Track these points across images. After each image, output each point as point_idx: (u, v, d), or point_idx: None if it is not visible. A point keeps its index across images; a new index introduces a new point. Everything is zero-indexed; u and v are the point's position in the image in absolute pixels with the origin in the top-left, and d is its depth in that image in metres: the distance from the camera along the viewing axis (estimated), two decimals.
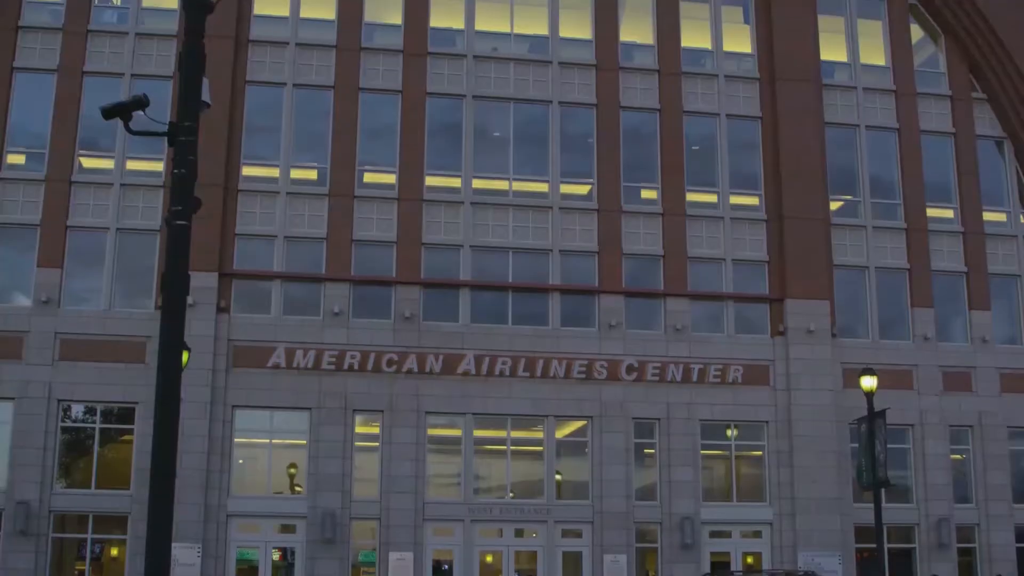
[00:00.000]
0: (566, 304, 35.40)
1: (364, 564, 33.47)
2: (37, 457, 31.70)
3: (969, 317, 37.74)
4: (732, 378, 35.24)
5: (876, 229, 37.86)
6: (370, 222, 34.86)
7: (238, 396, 33.02)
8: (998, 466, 36.56)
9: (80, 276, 33.73)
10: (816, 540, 34.27)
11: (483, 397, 34.10)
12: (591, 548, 33.87)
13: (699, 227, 36.61)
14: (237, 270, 34.01)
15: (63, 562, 32.79)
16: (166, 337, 10.38)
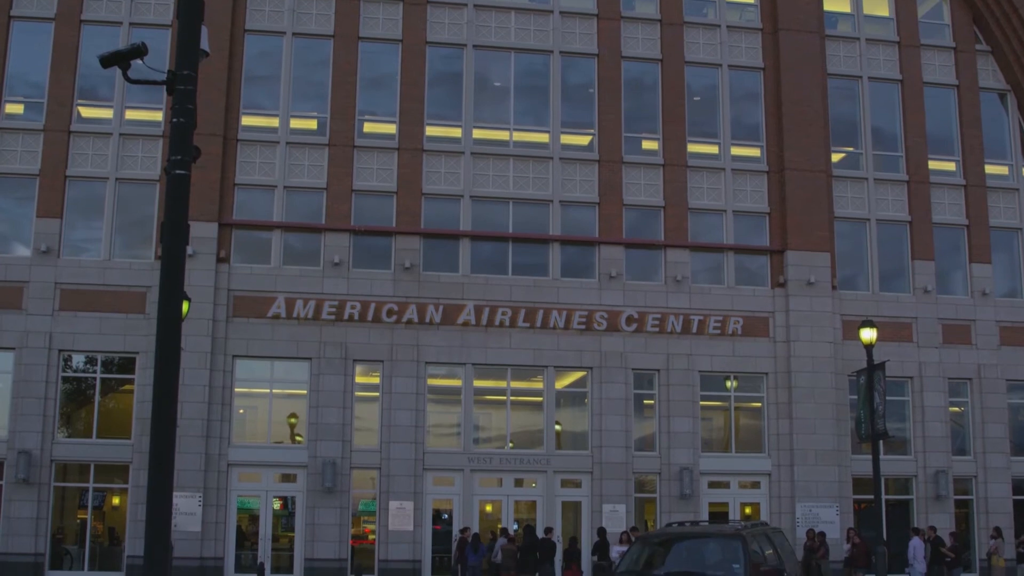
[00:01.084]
0: (566, 255, 35.39)
1: (364, 513, 33.68)
2: (38, 407, 31.81)
3: (969, 270, 37.72)
4: (732, 329, 35.28)
5: (877, 181, 37.77)
6: (370, 172, 34.77)
7: (238, 346, 33.09)
8: (996, 419, 36.69)
9: (79, 226, 33.68)
10: (814, 491, 34.47)
11: (483, 347, 34.15)
12: (590, 498, 34.05)
13: (700, 178, 36.53)
14: (237, 220, 33.96)
15: (65, 511, 32.98)
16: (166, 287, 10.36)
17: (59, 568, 31.95)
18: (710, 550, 16.29)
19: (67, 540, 32.72)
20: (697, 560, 16.03)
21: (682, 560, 16.01)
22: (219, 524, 32.08)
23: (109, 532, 33.28)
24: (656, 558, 16.18)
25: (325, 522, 32.40)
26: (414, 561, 32.69)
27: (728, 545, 16.16)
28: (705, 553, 16.25)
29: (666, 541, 16.99)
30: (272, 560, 32.24)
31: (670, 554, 16.33)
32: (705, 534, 17.57)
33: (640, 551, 16.32)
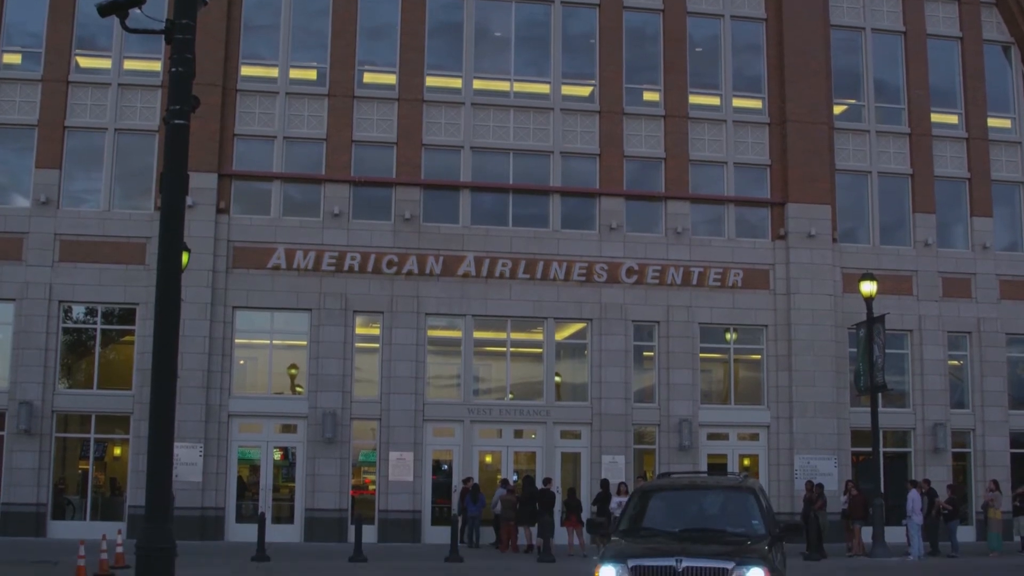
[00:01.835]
0: (566, 206, 35.32)
1: (364, 463, 33.84)
2: (39, 358, 31.87)
3: (970, 223, 37.66)
4: (732, 282, 35.27)
5: (879, 134, 37.62)
6: (370, 123, 34.63)
7: (238, 297, 33.10)
8: (995, 372, 36.76)
9: (79, 177, 33.60)
10: (813, 443, 34.60)
11: (483, 299, 34.16)
12: (590, 449, 34.19)
13: (701, 130, 36.38)
14: (236, 171, 33.87)
15: (66, 461, 33.14)
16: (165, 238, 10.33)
17: (61, 518, 32.12)
18: (720, 504, 15.21)
19: (69, 490, 32.90)
20: (709, 516, 14.91)
21: (692, 516, 14.77)
22: (220, 474, 32.23)
23: (111, 482, 33.45)
24: (660, 513, 14.91)
25: (325, 472, 32.55)
26: (414, 511, 32.87)
27: (740, 498, 15.14)
28: (716, 508, 15.16)
29: (670, 494, 15.57)
30: (273, 510, 32.41)
31: (677, 509, 14.96)
32: (711, 486, 16.44)
33: (640, 504, 15.09)
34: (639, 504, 15.10)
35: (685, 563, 12.67)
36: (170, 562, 9.73)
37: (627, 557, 12.97)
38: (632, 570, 12.73)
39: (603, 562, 13.01)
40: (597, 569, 12.99)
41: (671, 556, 12.86)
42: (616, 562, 12.89)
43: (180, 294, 10.53)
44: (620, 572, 12.75)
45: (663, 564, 12.78)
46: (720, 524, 14.50)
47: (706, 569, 12.66)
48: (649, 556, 13.04)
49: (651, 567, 12.80)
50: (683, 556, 12.79)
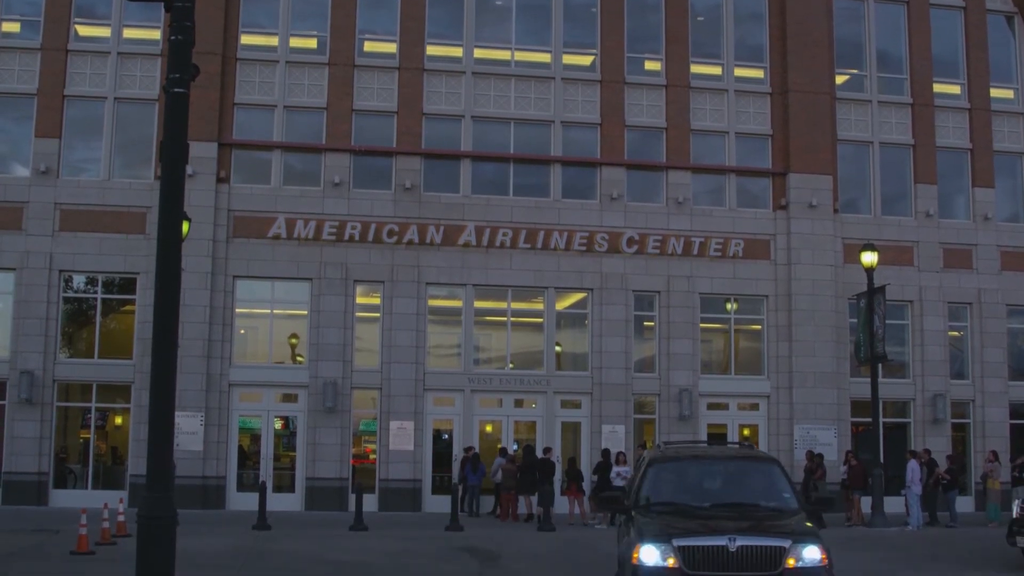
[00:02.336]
0: (567, 176, 35.25)
1: (365, 433, 33.92)
2: (40, 327, 31.89)
3: (972, 194, 37.59)
4: (733, 252, 35.24)
5: (881, 104, 37.50)
6: (370, 92, 34.51)
7: (239, 266, 33.09)
8: (995, 343, 36.79)
9: (78, 146, 33.54)
10: (812, 413, 34.66)
11: (483, 268, 34.15)
12: (590, 419, 34.26)
13: (703, 99, 36.27)
14: (236, 140, 33.79)
15: (68, 430, 33.21)
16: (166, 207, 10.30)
17: (63, 487, 32.22)
18: (744, 476, 14.22)
19: (70, 459, 33.00)
20: (735, 489, 13.85)
21: (717, 489, 13.81)
22: (221, 444, 32.31)
23: (112, 451, 33.53)
24: (680, 487, 13.81)
25: (326, 442, 32.63)
26: (414, 480, 32.97)
27: (764, 470, 14.24)
28: (741, 480, 14.13)
29: (687, 466, 14.56)
30: (273, 479, 32.51)
31: (699, 482, 13.98)
32: (731, 457, 15.48)
33: (656, 477, 13.99)
34: (656, 476, 14.03)
35: (739, 542, 11.85)
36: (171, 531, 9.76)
37: (671, 536, 11.99)
38: (679, 550, 11.82)
39: (643, 541, 12.02)
40: (637, 549, 11.98)
41: (722, 534, 12.02)
42: (658, 541, 11.94)
43: (180, 264, 10.50)
44: (664, 552, 11.85)
45: (714, 543, 11.93)
46: (751, 498, 13.62)
47: (762, 548, 11.89)
48: (697, 535, 12.16)
49: (701, 547, 11.92)
50: (736, 534, 11.97)
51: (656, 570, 11.84)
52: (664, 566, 11.83)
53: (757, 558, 11.83)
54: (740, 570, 11.85)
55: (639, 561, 11.94)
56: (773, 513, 13.18)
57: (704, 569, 11.82)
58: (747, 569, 11.85)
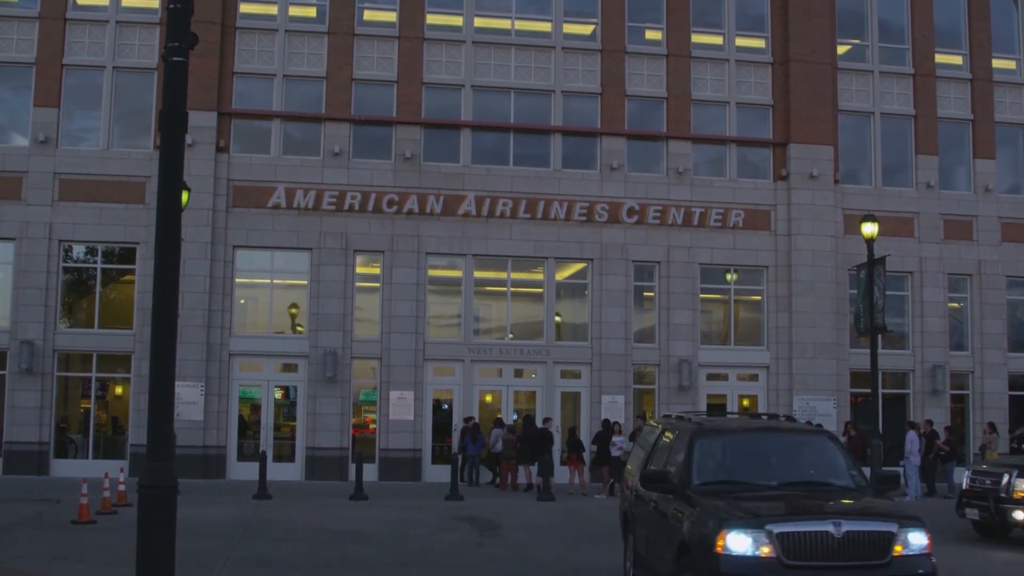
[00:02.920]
0: (567, 145, 35.16)
1: (365, 403, 33.97)
2: (40, 297, 31.88)
3: (973, 165, 37.50)
4: (733, 222, 35.20)
5: (883, 74, 37.36)
6: (370, 61, 34.38)
7: (238, 236, 33.05)
8: (995, 315, 36.80)
9: (77, 115, 33.46)
10: (812, 384, 34.71)
11: (483, 238, 34.12)
12: (589, 389, 34.31)
13: (703, 69, 36.13)
14: (236, 109, 33.69)
15: (68, 400, 33.27)
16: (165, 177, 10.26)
17: (64, 457, 32.29)
18: (799, 451, 12.92)
19: (71, 429, 33.08)
20: (796, 466, 12.59)
21: (777, 467, 12.42)
22: (221, 413, 32.37)
23: (112, 421, 33.61)
24: (734, 463, 12.49)
25: (326, 411, 32.68)
26: (414, 450, 33.04)
27: (820, 444, 13.07)
28: (797, 456, 12.82)
29: (734, 440, 13.18)
30: (274, 449, 32.56)
31: (753, 458, 12.60)
32: (781, 429, 13.94)
33: (703, 452, 12.48)
34: (704, 452, 12.53)
35: (846, 526, 10.61)
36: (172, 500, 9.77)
37: (764, 520, 10.66)
38: (778, 537, 10.51)
39: (729, 527, 10.59)
40: (722, 536, 10.56)
41: (825, 517, 10.80)
42: (750, 528, 10.59)
43: (180, 233, 10.47)
44: (758, 540, 10.54)
45: (817, 528, 10.62)
46: (815, 475, 12.46)
47: (870, 534, 10.69)
48: (795, 519, 10.85)
49: (803, 533, 10.59)
50: (840, 517, 10.77)
51: (747, 561, 10.50)
52: (756, 555, 10.52)
53: (865, 545, 10.65)
54: (846, 559, 10.59)
55: (726, 550, 10.51)
56: (849, 492, 12.07)
57: (805, 559, 10.55)
58: (854, 558, 10.61)
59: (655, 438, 14.54)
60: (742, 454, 12.80)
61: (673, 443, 13.40)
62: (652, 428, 15.40)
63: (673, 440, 13.49)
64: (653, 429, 15.17)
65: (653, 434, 14.86)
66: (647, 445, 14.87)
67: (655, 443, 14.39)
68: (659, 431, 14.60)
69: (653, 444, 14.46)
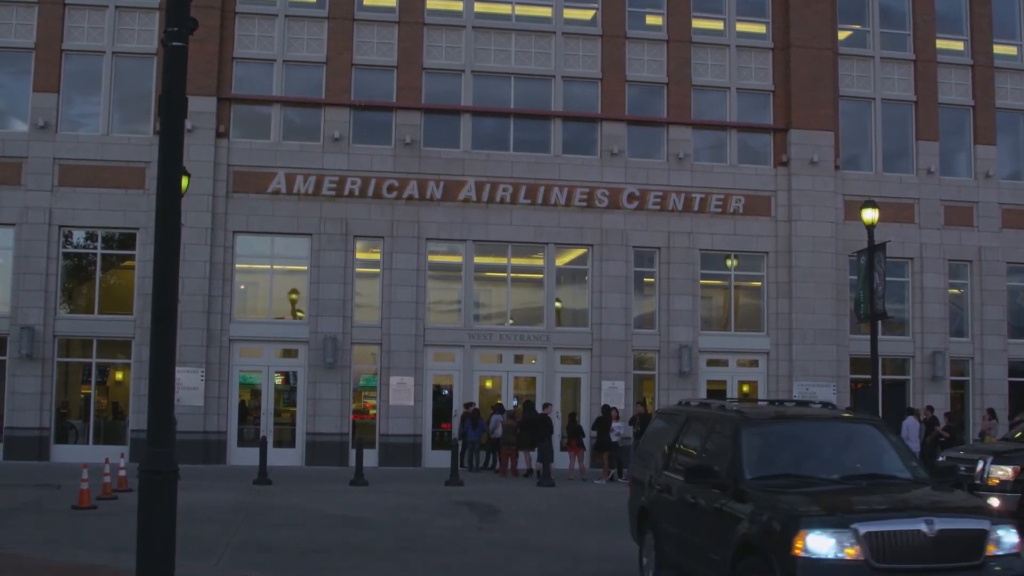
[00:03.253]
0: (568, 131, 35.12)
1: (365, 388, 33.99)
2: (40, 283, 31.87)
3: (974, 151, 37.45)
4: (733, 208, 35.16)
5: (884, 60, 37.27)
6: (370, 46, 34.31)
7: (238, 222, 33.02)
8: (995, 301, 36.78)
9: (77, 101, 33.41)
10: (812, 370, 34.71)
11: (484, 224, 34.09)
12: (589, 374, 34.32)
13: (704, 54, 36.05)
14: (236, 94, 33.63)
15: (68, 386, 33.30)
16: (165, 162, 10.23)
17: (64, 442, 32.32)
18: (851, 442, 12.04)
19: (71, 415, 33.11)
20: (853, 458, 11.72)
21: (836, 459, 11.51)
22: (221, 399, 32.39)
23: (113, 407, 33.63)
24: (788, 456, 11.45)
25: (326, 397, 32.70)
26: (414, 435, 33.07)
27: (871, 434, 12.16)
28: (851, 447, 11.96)
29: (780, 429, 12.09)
30: (274, 434, 32.58)
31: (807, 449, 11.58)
32: (826, 418, 12.87)
33: (753, 443, 11.40)
34: (753, 443, 11.44)
35: (939, 524, 9.63)
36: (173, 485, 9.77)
37: (850, 519, 9.64)
38: (865, 537, 9.49)
39: (809, 527, 9.54)
40: (800, 537, 9.48)
41: (914, 515, 9.84)
42: (834, 527, 9.56)
43: (180, 219, 10.46)
44: (842, 540, 9.51)
45: (909, 528, 9.64)
46: (877, 467, 11.55)
47: (964, 532, 9.81)
48: (883, 516, 9.87)
49: (894, 532, 9.60)
50: (930, 514, 9.80)
51: (831, 564, 9.45)
52: (841, 558, 9.48)
53: (959, 544, 9.72)
54: (939, 561, 9.64)
55: (807, 552, 9.45)
56: (914, 485, 11.21)
57: (895, 560, 9.55)
58: (947, 559, 9.66)
59: (677, 427, 13.41)
60: (794, 445, 11.75)
61: (708, 433, 12.44)
62: (669, 416, 14.29)
63: (707, 430, 12.52)
64: (671, 417, 14.10)
65: (672, 423, 13.79)
66: (664, 435, 13.79)
67: (679, 433, 13.28)
68: (681, 420, 13.49)
69: (677, 434, 13.31)
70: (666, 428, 13.98)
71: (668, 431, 13.72)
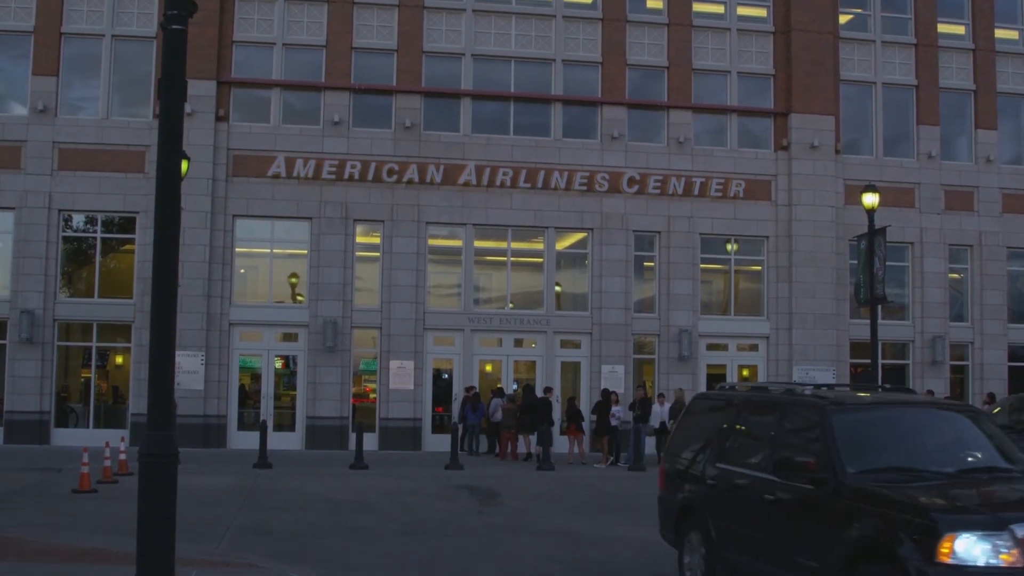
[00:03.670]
0: (568, 115, 35.06)
1: (365, 372, 34.00)
2: (39, 267, 31.85)
3: (974, 136, 37.40)
4: (734, 192, 35.13)
5: (885, 44, 37.19)
6: (370, 29, 34.23)
7: (238, 205, 32.99)
8: (995, 286, 36.78)
9: (76, 84, 33.33)
10: (812, 354, 34.73)
11: (484, 208, 34.06)
12: (589, 359, 34.33)
13: (705, 38, 35.97)
14: (235, 78, 33.56)
15: (69, 369, 33.31)
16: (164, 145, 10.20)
17: (64, 426, 32.34)
18: (951, 431, 10.83)
19: (72, 399, 33.11)
20: (957, 447, 10.54)
21: (936, 449, 10.27)
22: (221, 383, 32.41)
23: (113, 391, 33.63)
24: (891, 446, 10.15)
25: (326, 381, 32.72)
26: (414, 419, 33.09)
27: (968, 423, 10.93)
28: (954, 436, 10.76)
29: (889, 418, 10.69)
30: (274, 418, 32.61)
31: (909, 439, 10.31)
32: (921, 404, 11.71)
33: (854, 433, 10.17)
34: (850, 433, 10.15)
35: None
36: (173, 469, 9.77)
37: (1007, 519, 8.43)
38: None
39: (958, 530, 8.36)
40: (947, 541, 8.31)
41: None
42: (986, 530, 8.36)
43: (180, 203, 10.43)
44: (998, 544, 8.30)
45: None
46: (986, 459, 10.38)
47: None
48: None
49: None
50: None
51: (985, 572, 8.26)
52: (997, 565, 8.28)
53: None
54: None
55: (956, 558, 8.29)
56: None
57: None
58: None
59: (730, 414, 12.12)
60: (893, 434, 10.44)
61: (779, 420, 11.20)
62: (715, 402, 13.00)
63: (777, 417, 11.28)
64: (718, 403, 12.81)
65: (720, 409, 12.53)
66: (709, 422, 12.57)
67: (733, 420, 12.03)
68: (736, 405, 12.24)
69: (732, 421, 12.04)
70: (711, 415, 12.72)
71: (716, 418, 12.44)
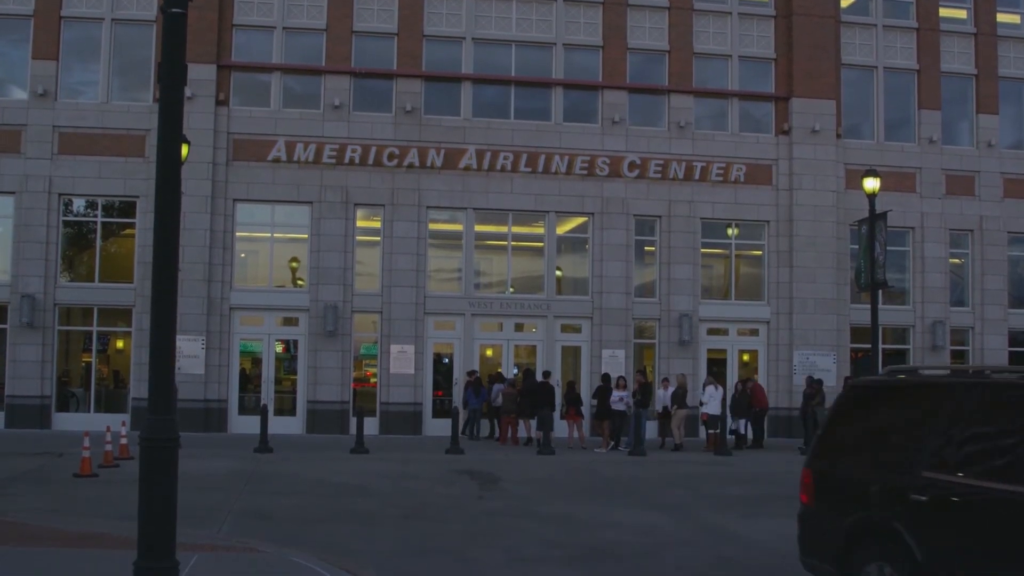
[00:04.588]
0: (569, 99, 35.00)
1: (365, 356, 34.00)
2: (40, 251, 31.84)
3: (976, 120, 37.35)
4: (734, 177, 35.09)
5: (886, 28, 37.11)
6: (370, 12, 34.14)
7: (239, 190, 32.97)
8: (996, 271, 36.77)
9: (76, 68, 33.27)
10: (812, 339, 34.74)
11: (484, 192, 34.02)
12: (590, 343, 34.34)
13: (706, 22, 35.89)
14: (235, 62, 33.49)
15: (69, 354, 33.32)
16: (165, 130, 10.18)
17: (65, 410, 32.36)
18: None
19: (72, 383, 33.14)
20: None
21: None
22: (222, 367, 32.42)
23: (114, 375, 33.66)
24: None
25: (327, 365, 32.73)
26: (415, 404, 33.12)
27: None
28: None
29: None
30: (275, 402, 32.64)
31: None
32: None
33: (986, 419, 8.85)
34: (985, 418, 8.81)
35: None
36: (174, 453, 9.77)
37: None
38: None
39: None
40: None
41: None
42: None
43: (180, 187, 10.42)
44: None
45: None
46: None
47: None
48: None
49: None
50: None
51: None
52: None
53: None
54: None
55: None
56: None
57: None
58: None
59: (947, 409, 9.36)
60: None
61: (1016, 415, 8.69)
62: (902, 393, 10.36)
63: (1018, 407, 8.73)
64: (915, 394, 10.13)
65: (915, 402, 9.94)
66: (893, 419, 10.16)
67: (953, 416, 9.26)
68: (956, 395, 9.46)
69: (950, 417, 9.27)
70: (897, 409, 10.24)
71: (909, 413, 9.93)
